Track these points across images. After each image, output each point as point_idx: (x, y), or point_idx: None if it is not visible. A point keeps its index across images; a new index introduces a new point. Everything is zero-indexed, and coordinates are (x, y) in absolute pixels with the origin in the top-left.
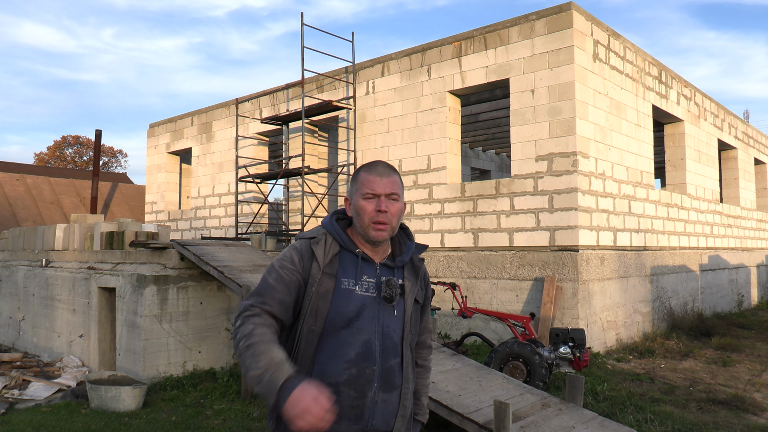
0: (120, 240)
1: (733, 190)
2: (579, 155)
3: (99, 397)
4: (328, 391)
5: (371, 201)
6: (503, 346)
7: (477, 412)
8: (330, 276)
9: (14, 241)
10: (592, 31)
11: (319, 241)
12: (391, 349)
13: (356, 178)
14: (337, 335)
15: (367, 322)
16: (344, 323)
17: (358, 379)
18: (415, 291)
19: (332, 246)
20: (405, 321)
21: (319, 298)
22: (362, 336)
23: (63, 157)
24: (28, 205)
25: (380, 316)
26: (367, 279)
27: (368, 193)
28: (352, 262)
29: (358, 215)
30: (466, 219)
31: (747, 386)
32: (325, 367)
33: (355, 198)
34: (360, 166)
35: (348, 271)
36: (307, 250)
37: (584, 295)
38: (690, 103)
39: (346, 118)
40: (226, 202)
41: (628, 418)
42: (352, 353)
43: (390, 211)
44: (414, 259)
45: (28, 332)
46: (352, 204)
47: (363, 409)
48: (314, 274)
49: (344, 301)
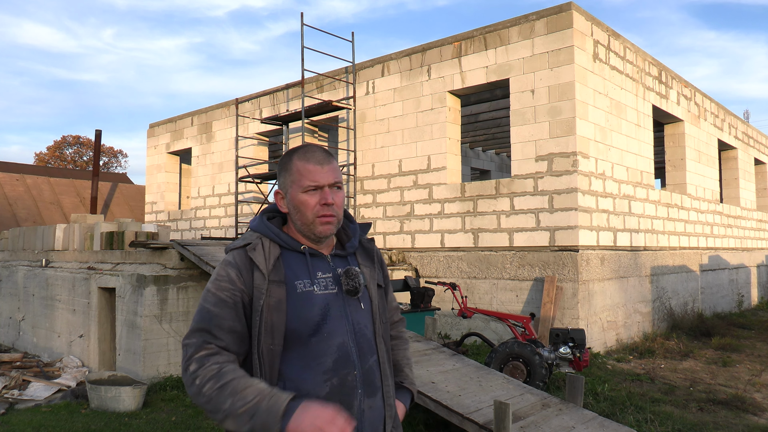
0: (120, 240)
1: (733, 190)
2: (579, 155)
3: (99, 397)
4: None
5: (314, 194)
6: (503, 346)
7: (477, 412)
8: (278, 283)
9: (14, 241)
10: (592, 31)
11: (255, 246)
12: (366, 347)
13: (289, 168)
14: (305, 346)
15: (336, 323)
16: (311, 330)
17: (341, 389)
18: (375, 275)
19: (272, 249)
20: (374, 312)
21: (271, 312)
22: (335, 339)
23: (63, 157)
24: (28, 205)
25: (347, 312)
26: (323, 275)
27: (310, 185)
28: (300, 262)
29: (298, 211)
30: (466, 219)
31: (747, 386)
32: (300, 384)
33: (293, 191)
34: (288, 154)
35: (299, 273)
36: (243, 261)
37: (584, 295)
38: (690, 103)
39: (346, 118)
40: (226, 202)
41: (629, 418)
42: (328, 361)
43: (336, 202)
44: (363, 241)
45: (28, 332)
46: (288, 198)
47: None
48: (259, 285)
49: (304, 305)
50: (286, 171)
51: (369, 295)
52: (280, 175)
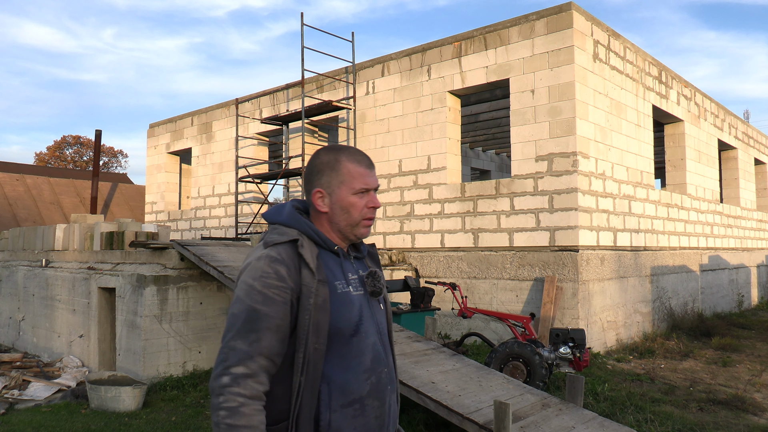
0: (120, 240)
1: (733, 190)
2: (579, 155)
3: (99, 397)
4: (354, 408)
5: (363, 196)
6: (503, 346)
7: (477, 412)
8: (323, 282)
9: (14, 241)
10: (592, 31)
11: (303, 243)
12: (387, 345)
13: (338, 168)
14: (346, 346)
15: (368, 323)
16: (352, 330)
17: (377, 387)
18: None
19: (312, 247)
20: (388, 313)
21: (318, 311)
22: (370, 339)
23: (63, 157)
24: (28, 205)
25: (373, 312)
26: (352, 276)
27: (362, 188)
28: (334, 262)
29: (345, 212)
30: (466, 219)
31: (747, 386)
32: (346, 383)
33: (341, 192)
34: (332, 153)
35: (335, 273)
36: (291, 257)
37: (584, 296)
38: (690, 103)
39: (346, 118)
40: (226, 203)
41: (629, 418)
42: (367, 360)
43: (379, 206)
44: (368, 247)
45: (28, 332)
46: (334, 198)
47: (385, 418)
48: (308, 283)
49: (346, 306)
50: (334, 171)
51: (384, 296)
52: (323, 173)
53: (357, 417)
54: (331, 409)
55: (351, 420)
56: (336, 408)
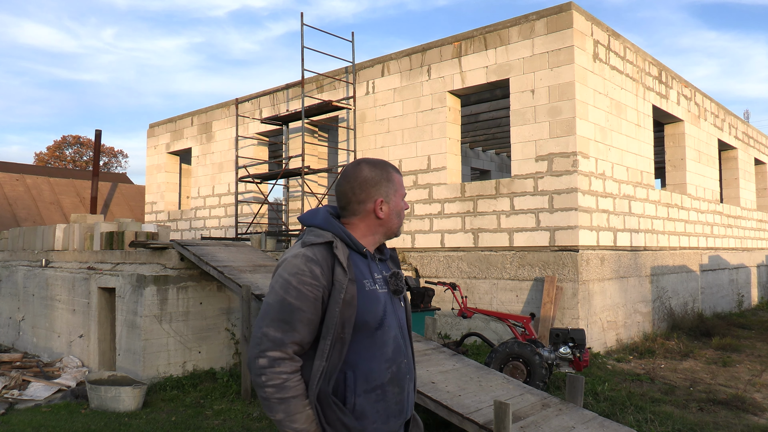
0: (120, 240)
1: (733, 190)
2: (579, 155)
3: (99, 397)
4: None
5: (404, 201)
6: (503, 346)
7: (477, 412)
8: (351, 281)
9: (14, 241)
10: (592, 31)
11: (337, 245)
12: (407, 338)
13: (391, 179)
14: (372, 337)
15: (390, 318)
16: (377, 324)
17: (398, 375)
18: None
19: (344, 249)
20: (407, 308)
21: (346, 306)
22: (392, 332)
23: (63, 157)
24: (28, 205)
25: (395, 309)
26: (378, 276)
27: (404, 193)
28: (363, 263)
29: (398, 216)
30: (466, 219)
31: (747, 386)
32: (369, 371)
33: (396, 199)
34: (380, 166)
35: (364, 272)
36: (325, 258)
37: (584, 295)
38: (690, 103)
39: (346, 118)
40: (226, 202)
41: (629, 418)
42: (389, 351)
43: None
44: (390, 250)
45: (28, 332)
46: (391, 205)
47: (404, 403)
48: (340, 280)
49: (372, 302)
50: (389, 182)
51: (404, 293)
52: (380, 185)
53: (379, 402)
54: (356, 393)
55: (374, 404)
56: (360, 393)
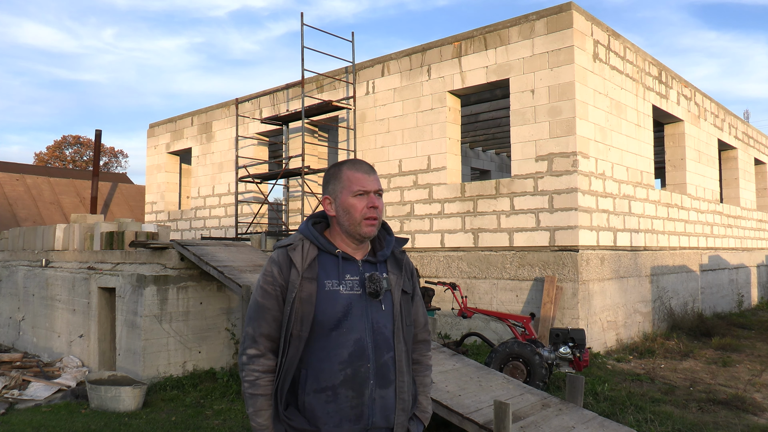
0: (120, 240)
1: (733, 190)
2: (579, 155)
3: (99, 397)
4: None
5: (362, 198)
6: (503, 346)
7: (477, 412)
8: (310, 280)
9: (14, 241)
10: (592, 31)
11: (296, 247)
12: (383, 344)
13: (339, 176)
14: (327, 337)
15: (356, 320)
16: (333, 325)
17: (354, 379)
18: (401, 282)
19: (310, 250)
20: (395, 314)
21: (302, 304)
22: (353, 335)
23: (63, 157)
24: (28, 205)
25: (368, 312)
26: (351, 278)
27: (359, 190)
28: (332, 264)
29: (347, 213)
30: (466, 219)
31: (747, 386)
32: (319, 371)
33: (343, 196)
34: (337, 165)
35: (330, 273)
36: (284, 259)
37: (584, 295)
38: (690, 103)
39: (346, 118)
40: (226, 202)
41: (629, 418)
42: (345, 353)
43: (379, 207)
44: (395, 252)
45: (28, 332)
46: (338, 203)
47: (362, 408)
48: (293, 280)
49: (330, 302)
50: (337, 179)
51: (392, 298)
52: (329, 183)
53: (329, 403)
54: (306, 392)
55: (323, 404)
56: (310, 392)
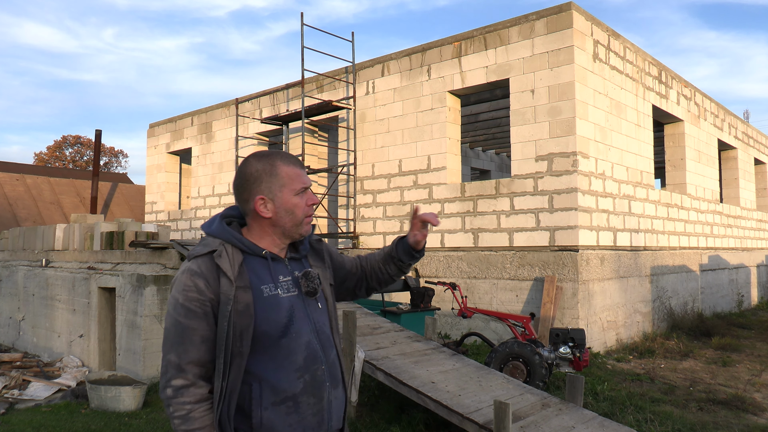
0: (120, 240)
1: (733, 190)
2: (579, 155)
3: (99, 397)
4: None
5: (303, 196)
6: (503, 346)
7: (477, 412)
8: (244, 288)
9: (14, 241)
10: (592, 31)
11: (220, 253)
12: (327, 343)
13: (276, 173)
14: (276, 346)
15: (301, 323)
16: (280, 332)
17: (313, 384)
18: (327, 275)
19: (235, 255)
20: (329, 311)
21: (239, 317)
22: (302, 339)
23: (63, 157)
24: (28, 205)
25: (308, 312)
26: (284, 279)
27: (301, 187)
28: (262, 266)
29: (291, 213)
30: (466, 219)
31: (747, 386)
32: (276, 383)
33: (284, 194)
34: (266, 159)
35: (263, 277)
36: (209, 269)
37: (584, 295)
38: (690, 103)
39: (346, 118)
40: (226, 202)
41: (628, 418)
42: (299, 359)
43: (315, 203)
44: (312, 242)
45: (28, 332)
46: (277, 203)
47: (323, 413)
48: (226, 291)
49: (273, 310)
50: (273, 176)
51: (324, 294)
52: (262, 180)
53: (291, 414)
54: (263, 407)
55: (284, 417)
56: (267, 406)
